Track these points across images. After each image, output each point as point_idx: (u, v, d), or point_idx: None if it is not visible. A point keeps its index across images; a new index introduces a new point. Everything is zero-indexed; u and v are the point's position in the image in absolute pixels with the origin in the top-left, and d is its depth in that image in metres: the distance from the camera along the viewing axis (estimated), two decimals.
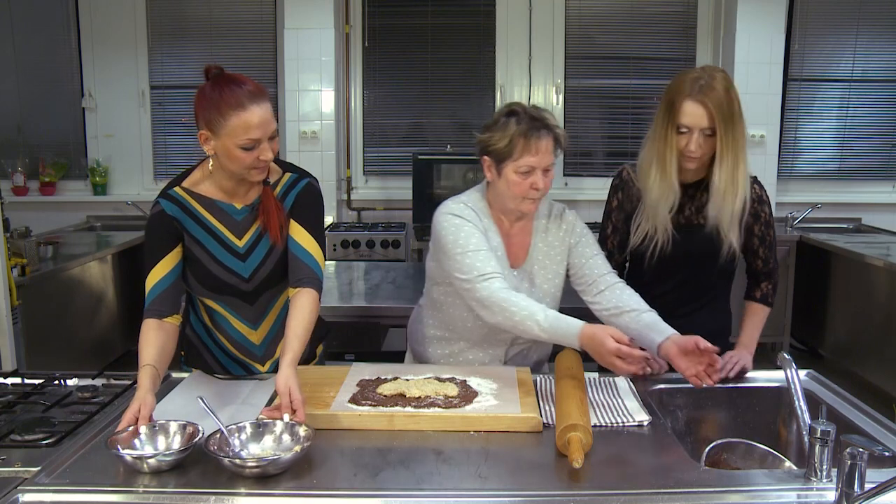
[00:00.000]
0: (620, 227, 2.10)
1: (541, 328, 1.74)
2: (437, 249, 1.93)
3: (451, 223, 1.89)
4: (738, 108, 1.89)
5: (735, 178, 1.91)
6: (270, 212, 1.81)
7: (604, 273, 1.98)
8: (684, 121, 1.89)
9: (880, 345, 3.98)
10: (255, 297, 1.87)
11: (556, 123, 1.87)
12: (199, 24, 5.19)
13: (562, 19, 5.18)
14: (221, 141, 1.68)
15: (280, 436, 1.46)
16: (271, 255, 1.85)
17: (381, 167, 5.34)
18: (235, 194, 1.82)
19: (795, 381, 1.51)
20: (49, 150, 5.25)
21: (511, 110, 1.88)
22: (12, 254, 3.33)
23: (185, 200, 1.80)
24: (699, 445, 1.70)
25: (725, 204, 1.93)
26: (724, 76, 1.90)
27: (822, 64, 5.16)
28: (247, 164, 1.70)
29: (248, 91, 1.66)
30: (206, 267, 1.81)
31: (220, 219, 1.82)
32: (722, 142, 1.88)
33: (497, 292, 1.78)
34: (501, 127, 1.86)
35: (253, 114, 1.65)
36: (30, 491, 1.30)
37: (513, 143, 1.83)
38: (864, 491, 1.20)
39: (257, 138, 1.66)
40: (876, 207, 5.23)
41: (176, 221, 1.78)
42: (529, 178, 1.85)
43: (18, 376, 1.90)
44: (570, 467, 1.36)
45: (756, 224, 2.02)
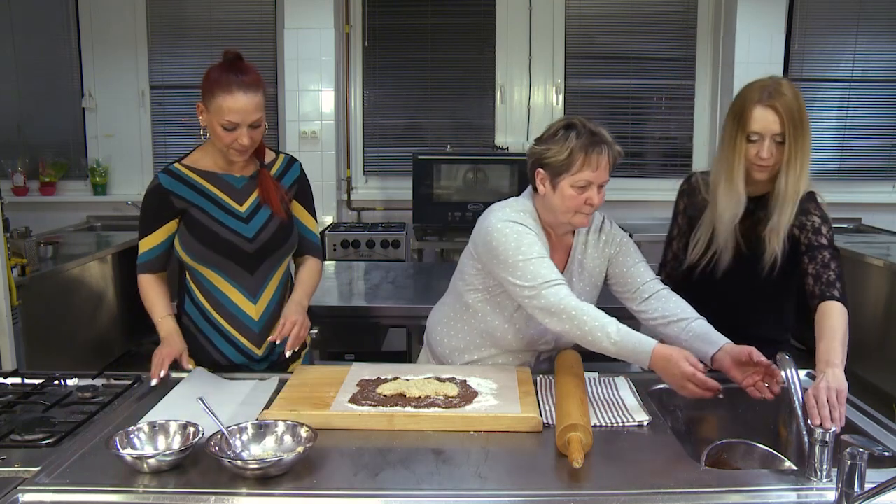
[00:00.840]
0: (685, 230, 2.09)
1: (611, 341, 1.70)
2: (491, 256, 1.86)
3: (512, 230, 1.85)
4: (806, 117, 1.85)
5: (798, 188, 1.88)
6: (269, 189, 1.99)
7: (647, 280, 1.96)
8: (755, 127, 1.85)
9: (880, 345, 3.98)
10: (256, 262, 1.95)
11: (612, 140, 1.87)
12: (199, 24, 5.18)
13: (562, 19, 5.18)
14: (210, 115, 1.87)
15: (281, 436, 1.46)
16: (273, 219, 1.99)
17: (381, 167, 5.33)
18: (233, 167, 1.98)
19: (795, 381, 1.51)
20: (49, 150, 5.24)
21: (570, 123, 1.86)
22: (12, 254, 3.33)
23: (184, 174, 1.97)
24: (699, 445, 1.70)
25: (784, 213, 1.89)
26: (790, 84, 1.87)
27: (822, 64, 5.16)
28: (225, 142, 1.87)
29: (241, 80, 1.84)
30: (209, 228, 1.93)
31: (221, 187, 1.97)
32: (791, 149, 1.84)
33: (566, 299, 1.75)
34: (560, 140, 1.84)
35: (236, 100, 1.83)
36: (30, 491, 1.30)
37: (572, 156, 1.81)
38: (864, 491, 1.20)
39: (236, 122, 1.84)
40: (876, 207, 5.23)
41: (172, 195, 1.94)
42: (585, 192, 1.83)
43: (18, 376, 1.90)
44: (570, 467, 1.36)
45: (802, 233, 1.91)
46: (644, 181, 5.24)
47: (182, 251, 1.96)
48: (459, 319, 2.03)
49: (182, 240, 1.95)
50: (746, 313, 2.03)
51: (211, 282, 1.96)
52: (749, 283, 1.99)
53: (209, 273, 1.96)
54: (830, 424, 1.44)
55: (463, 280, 2.00)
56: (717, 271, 1.99)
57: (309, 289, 2.08)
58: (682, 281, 2.09)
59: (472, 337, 2.01)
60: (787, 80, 1.90)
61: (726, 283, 2.01)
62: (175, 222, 1.96)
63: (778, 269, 1.93)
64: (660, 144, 5.32)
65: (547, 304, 1.76)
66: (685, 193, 2.12)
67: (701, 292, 2.01)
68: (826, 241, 1.88)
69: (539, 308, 1.78)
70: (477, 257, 1.93)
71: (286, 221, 2.02)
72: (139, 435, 1.46)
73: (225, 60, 1.88)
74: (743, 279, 1.99)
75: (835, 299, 1.77)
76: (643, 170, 5.29)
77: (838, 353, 1.66)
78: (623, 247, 2.01)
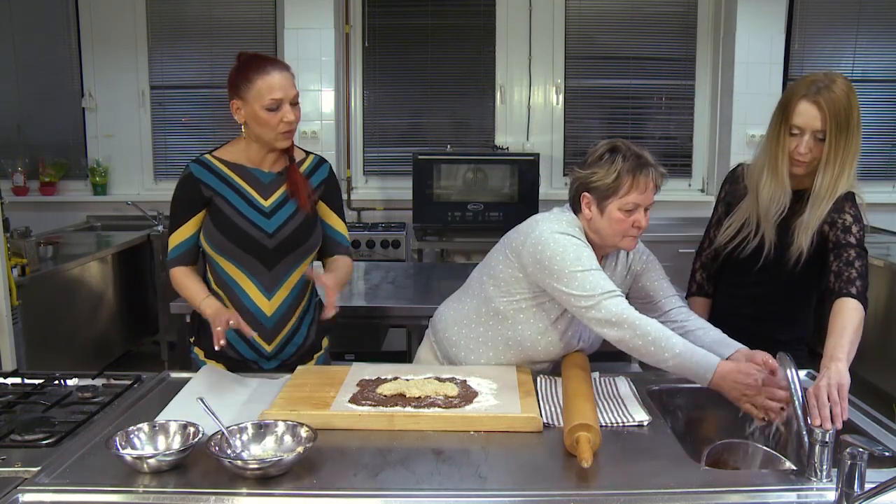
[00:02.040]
0: (723, 218, 2.09)
1: (674, 353, 1.68)
2: (543, 266, 1.82)
3: (569, 242, 1.83)
4: (856, 118, 1.83)
5: (835, 188, 1.86)
6: (297, 182, 2.00)
7: (670, 295, 2.00)
8: (797, 121, 1.85)
9: (880, 345, 3.98)
10: (275, 258, 1.97)
11: (657, 161, 1.86)
12: (199, 24, 5.18)
13: (562, 19, 5.18)
14: (250, 106, 1.89)
15: (281, 436, 1.46)
16: (296, 216, 1.99)
17: (381, 167, 5.33)
18: (263, 162, 2.00)
19: (795, 380, 1.51)
20: (49, 150, 5.24)
21: (614, 147, 1.86)
22: (12, 254, 3.33)
23: (214, 164, 1.99)
24: (699, 445, 1.70)
25: (815, 210, 1.87)
26: (844, 82, 1.84)
27: (822, 64, 5.15)
28: (273, 124, 1.89)
29: (271, 60, 1.92)
30: (231, 220, 1.94)
31: (248, 180, 1.99)
32: (831, 146, 1.82)
33: (628, 310, 1.74)
34: (606, 164, 1.83)
35: (274, 76, 1.88)
36: (30, 491, 1.31)
37: (620, 179, 1.81)
38: (864, 491, 1.20)
39: (279, 98, 1.88)
40: (876, 207, 5.21)
41: (201, 184, 1.96)
42: (633, 215, 1.83)
43: (18, 376, 1.90)
44: (571, 467, 1.37)
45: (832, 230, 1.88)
46: None
47: (203, 240, 1.98)
48: (484, 324, 1.98)
49: (205, 229, 1.97)
50: (765, 305, 2.04)
51: (228, 273, 1.98)
52: (775, 276, 2.00)
53: (227, 265, 1.97)
54: (830, 425, 1.44)
55: (497, 286, 1.95)
56: (744, 259, 1.99)
57: (342, 275, 2.07)
58: (717, 269, 2.12)
59: (495, 343, 1.96)
60: (843, 78, 1.86)
61: (754, 273, 2.01)
62: (203, 213, 1.98)
63: (802, 263, 1.92)
64: (660, 144, 5.31)
65: (608, 315, 1.74)
66: (728, 181, 2.12)
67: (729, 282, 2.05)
68: (854, 239, 1.87)
69: (597, 319, 1.75)
70: (521, 266, 1.89)
71: (311, 217, 2.02)
72: (139, 435, 1.46)
73: (246, 57, 1.94)
74: (770, 271, 1.99)
75: (851, 296, 1.77)
76: None
77: (844, 348, 1.64)
78: (649, 264, 2.03)
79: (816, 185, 1.88)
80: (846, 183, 1.88)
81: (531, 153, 4.82)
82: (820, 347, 1.72)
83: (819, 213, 1.88)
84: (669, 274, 2.05)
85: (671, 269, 2.24)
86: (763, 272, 1.99)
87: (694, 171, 5.29)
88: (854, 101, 1.83)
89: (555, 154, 5.24)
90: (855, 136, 1.84)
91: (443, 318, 2.09)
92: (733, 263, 2.02)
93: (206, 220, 1.97)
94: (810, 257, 1.92)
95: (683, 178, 5.30)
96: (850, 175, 1.87)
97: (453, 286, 2.18)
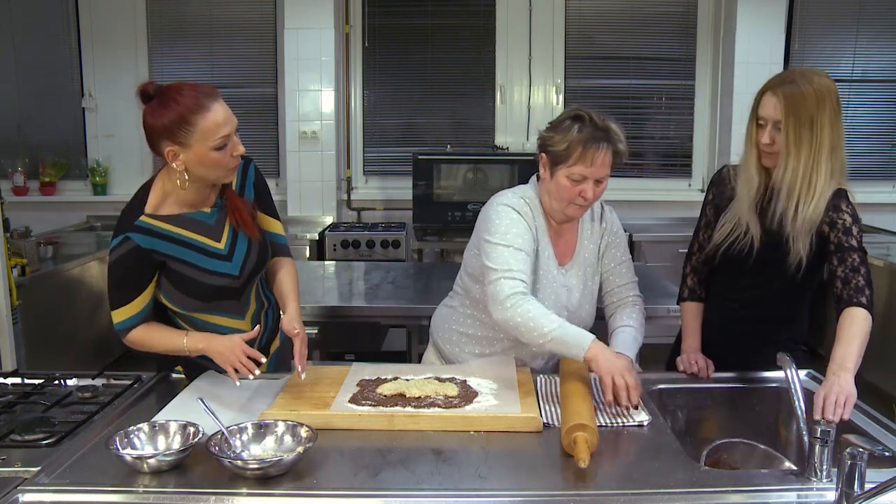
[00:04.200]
0: (712, 221, 2.09)
1: (551, 329, 1.71)
2: (482, 237, 1.89)
3: (508, 215, 1.88)
4: (827, 115, 1.83)
5: (810, 182, 1.85)
6: (240, 212, 1.85)
7: (625, 283, 2.04)
8: (761, 112, 1.90)
9: (880, 345, 3.97)
10: (242, 290, 1.89)
11: (619, 137, 1.85)
12: (199, 24, 5.18)
13: (562, 19, 5.18)
14: (193, 150, 1.67)
15: (281, 436, 1.46)
16: (252, 245, 1.89)
17: (381, 167, 5.33)
18: (199, 203, 1.83)
19: (795, 381, 1.51)
20: (49, 150, 5.24)
21: (577, 115, 1.87)
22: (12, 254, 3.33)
23: (155, 226, 1.77)
24: (699, 445, 1.71)
25: (790, 204, 1.87)
26: (820, 80, 1.85)
27: (822, 64, 5.15)
28: (224, 163, 1.71)
29: (203, 92, 1.67)
30: (197, 280, 1.80)
31: (195, 229, 1.81)
32: (788, 138, 1.84)
33: (515, 294, 1.76)
34: (564, 130, 1.85)
35: (217, 112, 1.66)
36: (30, 491, 1.31)
37: (570, 149, 1.82)
38: (864, 491, 1.20)
39: (227, 134, 1.68)
40: (876, 207, 5.22)
41: (153, 252, 1.76)
42: (579, 185, 1.84)
43: (18, 376, 1.90)
44: (571, 467, 1.36)
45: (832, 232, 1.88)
46: (644, 181, 5.24)
47: (168, 302, 1.84)
48: (470, 317, 2.03)
49: (167, 293, 1.82)
50: (763, 307, 2.03)
51: (198, 318, 1.89)
52: (771, 278, 1.99)
53: (197, 315, 1.88)
54: (833, 417, 1.51)
55: (471, 276, 2.00)
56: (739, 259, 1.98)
57: (297, 295, 1.94)
58: (707, 272, 2.12)
59: (482, 331, 2.00)
60: (822, 77, 1.86)
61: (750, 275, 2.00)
62: (156, 279, 1.80)
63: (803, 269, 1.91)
64: (660, 144, 5.31)
65: (496, 293, 1.78)
66: (714, 184, 2.12)
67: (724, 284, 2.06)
68: (856, 242, 1.87)
69: (490, 296, 1.80)
70: (477, 244, 1.94)
71: (262, 241, 1.93)
72: (139, 435, 1.46)
73: (157, 92, 1.68)
74: (765, 273, 1.99)
75: (862, 306, 1.81)
76: (643, 170, 5.29)
77: (853, 358, 1.70)
78: (616, 239, 2.05)
79: (777, 176, 1.90)
80: (826, 180, 1.86)
81: (531, 153, 4.81)
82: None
83: (807, 219, 1.86)
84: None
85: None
86: (759, 274, 1.99)
87: (694, 171, 5.29)
88: (827, 98, 1.83)
89: None
90: (824, 133, 1.84)
91: (436, 318, 2.16)
92: (729, 265, 2.02)
93: (164, 285, 1.80)
94: (809, 260, 1.91)
95: (683, 178, 5.30)
96: (828, 171, 1.86)
97: (453, 286, 2.19)
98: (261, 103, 5.22)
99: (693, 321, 2.09)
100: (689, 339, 2.06)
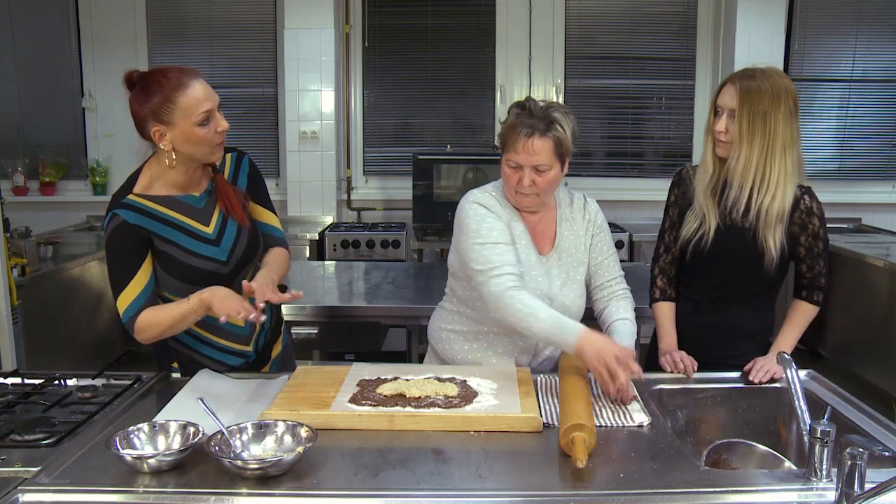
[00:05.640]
0: (677, 221, 2.12)
1: (542, 318, 1.75)
2: (458, 240, 1.93)
3: (476, 213, 1.90)
4: (782, 112, 1.89)
5: (763, 174, 1.91)
6: (229, 197, 1.88)
7: (613, 276, 2.05)
8: (718, 101, 1.97)
9: (880, 345, 3.98)
10: (232, 278, 1.88)
11: (560, 126, 1.84)
12: (199, 24, 5.18)
13: (562, 19, 5.18)
14: (178, 127, 1.73)
15: (281, 436, 1.46)
16: (241, 232, 1.90)
17: (381, 167, 5.34)
18: (189, 186, 1.86)
19: (795, 381, 1.51)
20: (49, 150, 5.24)
21: (520, 103, 1.88)
22: (12, 254, 3.33)
23: (143, 204, 1.80)
24: (699, 445, 1.71)
25: (743, 194, 1.93)
26: (775, 74, 1.93)
27: (822, 64, 5.16)
28: (208, 139, 1.75)
29: (183, 72, 1.73)
30: (183, 262, 1.82)
31: (184, 211, 1.84)
32: (741, 128, 1.90)
33: (503, 291, 1.80)
34: (508, 117, 1.88)
35: (196, 88, 1.72)
36: (30, 491, 1.30)
37: (505, 135, 1.86)
38: (864, 491, 1.20)
39: (209, 109, 1.73)
40: (876, 207, 5.23)
41: (141, 229, 1.77)
42: (517, 173, 1.86)
43: (18, 376, 1.90)
44: (571, 467, 1.36)
45: (802, 235, 1.99)
46: (644, 181, 5.24)
47: (158, 287, 1.85)
48: (456, 313, 2.06)
49: (156, 276, 1.83)
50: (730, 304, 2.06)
51: None
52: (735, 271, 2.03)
53: None
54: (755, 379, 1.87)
55: (454, 276, 2.04)
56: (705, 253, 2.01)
57: (275, 269, 1.91)
58: (675, 273, 2.15)
59: (470, 326, 2.02)
60: (779, 74, 1.94)
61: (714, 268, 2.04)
62: (150, 257, 1.80)
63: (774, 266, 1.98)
64: (660, 144, 5.32)
65: (488, 293, 1.82)
66: (676, 185, 2.17)
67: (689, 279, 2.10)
68: (823, 245, 2.01)
69: (486, 295, 1.84)
70: (455, 243, 1.97)
71: (253, 230, 1.94)
72: (139, 435, 1.46)
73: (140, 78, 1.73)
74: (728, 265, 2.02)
75: (817, 304, 2.06)
76: (643, 170, 5.29)
77: (791, 341, 2.04)
78: (602, 232, 2.06)
79: (730, 165, 1.95)
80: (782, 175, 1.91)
81: None
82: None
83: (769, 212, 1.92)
84: None
85: None
86: (726, 269, 2.03)
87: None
88: (783, 98, 1.89)
89: None
90: (778, 130, 1.89)
91: (430, 320, 2.19)
92: (697, 261, 2.04)
93: (154, 265, 1.82)
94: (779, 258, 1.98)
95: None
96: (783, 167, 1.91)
97: None
98: (261, 103, 5.23)
99: (668, 321, 2.12)
100: (667, 338, 2.09)
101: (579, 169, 5.30)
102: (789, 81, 1.94)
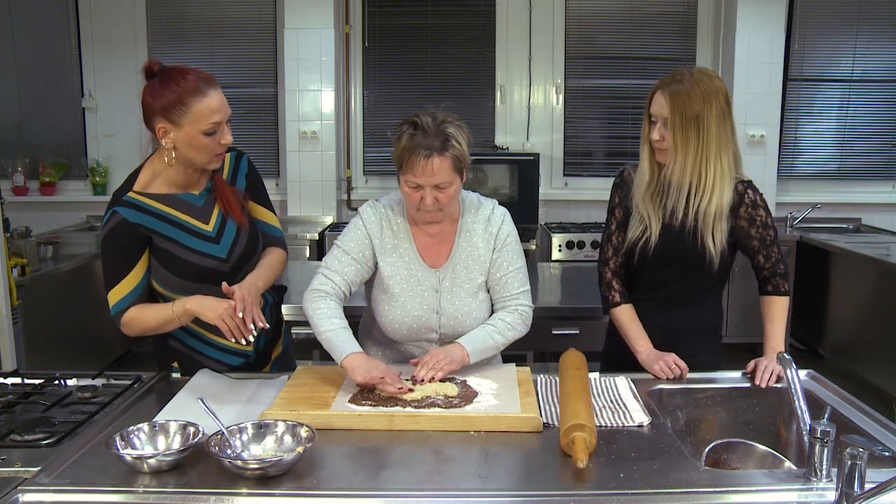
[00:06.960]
0: (622, 223, 2.10)
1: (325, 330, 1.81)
2: None
3: (354, 222, 1.96)
4: (714, 113, 1.88)
5: (700, 178, 1.91)
6: (227, 197, 1.89)
7: (514, 293, 1.95)
8: (651, 109, 1.96)
9: (880, 345, 3.98)
10: (233, 276, 1.87)
11: (456, 143, 1.79)
12: (199, 24, 5.19)
13: (562, 19, 5.18)
14: (184, 130, 1.73)
15: (281, 436, 1.46)
16: (241, 231, 1.91)
17: (381, 167, 5.34)
18: (189, 184, 1.87)
19: (795, 381, 1.51)
20: (49, 150, 5.24)
21: (411, 120, 1.81)
22: (12, 254, 3.33)
23: (144, 202, 1.81)
24: (699, 445, 1.71)
25: (681, 198, 1.93)
26: (704, 76, 1.91)
27: (822, 64, 5.16)
28: (210, 149, 1.76)
29: (203, 78, 1.74)
30: (183, 259, 1.83)
31: (183, 209, 1.85)
32: (674, 134, 1.90)
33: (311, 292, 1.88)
34: (399, 137, 1.80)
35: (212, 98, 1.73)
36: (30, 491, 1.30)
37: (401, 157, 1.79)
38: (864, 491, 1.20)
39: (219, 122, 1.74)
40: (876, 207, 5.23)
41: (140, 227, 1.78)
42: (418, 192, 1.81)
43: (18, 376, 1.90)
44: (571, 467, 1.36)
45: (752, 227, 1.99)
46: None
47: (156, 284, 1.85)
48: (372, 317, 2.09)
49: (155, 273, 1.83)
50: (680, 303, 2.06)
51: None
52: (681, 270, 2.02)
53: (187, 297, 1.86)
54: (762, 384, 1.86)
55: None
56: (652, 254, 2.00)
57: (266, 273, 1.91)
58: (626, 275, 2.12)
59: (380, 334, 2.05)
60: (707, 74, 1.93)
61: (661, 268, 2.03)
62: (147, 255, 1.81)
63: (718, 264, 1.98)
64: None
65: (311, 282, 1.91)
66: (618, 186, 2.13)
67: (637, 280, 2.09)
68: (773, 232, 2.01)
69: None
70: None
71: (252, 229, 1.94)
72: (139, 435, 1.46)
73: (161, 71, 1.75)
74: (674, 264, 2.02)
75: (786, 294, 2.05)
76: None
77: (780, 338, 2.01)
78: (507, 246, 1.96)
79: (667, 171, 1.96)
80: (718, 177, 1.91)
81: (531, 153, 4.82)
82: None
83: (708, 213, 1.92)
84: None
85: None
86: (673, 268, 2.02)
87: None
88: (714, 99, 1.88)
89: (555, 154, 5.25)
90: (711, 132, 1.89)
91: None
92: (646, 262, 2.03)
93: (152, 262, 1.82)
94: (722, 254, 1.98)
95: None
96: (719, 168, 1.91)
97: None
98: (261, 103, 5.23)
99: (634, 323, 2.05)
100: (643, 342, 2.01)
101: (579, 169, 5.31)
102: (719, 80, 1.93)
